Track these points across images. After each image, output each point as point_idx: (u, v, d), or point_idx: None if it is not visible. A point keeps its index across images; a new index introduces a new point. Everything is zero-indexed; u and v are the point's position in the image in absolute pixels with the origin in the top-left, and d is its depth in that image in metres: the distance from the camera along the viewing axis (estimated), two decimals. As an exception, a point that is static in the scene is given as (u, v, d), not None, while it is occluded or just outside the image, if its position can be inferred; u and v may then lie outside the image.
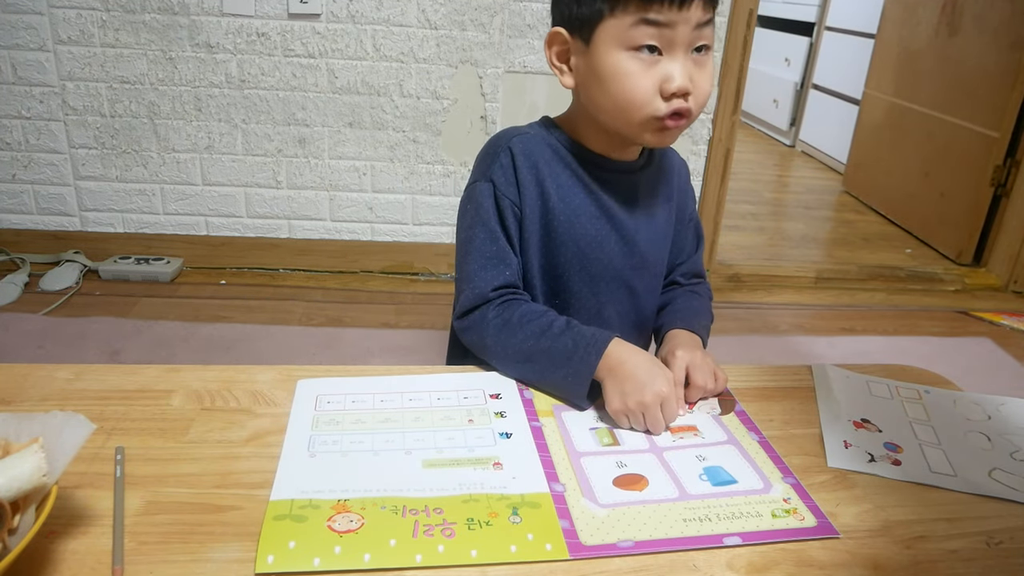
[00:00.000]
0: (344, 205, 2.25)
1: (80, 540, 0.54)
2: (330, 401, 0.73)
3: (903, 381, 0.84)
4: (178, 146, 2.16)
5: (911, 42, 2.96)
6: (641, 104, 0.76)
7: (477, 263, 0.84)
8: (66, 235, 2.24)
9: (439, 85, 2.13)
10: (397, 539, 0.55)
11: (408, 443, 0.67)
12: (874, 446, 0.71)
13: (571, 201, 0.85)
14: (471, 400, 0.75)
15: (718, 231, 2.39)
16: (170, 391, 0.73)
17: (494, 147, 0.86)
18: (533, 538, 0.56)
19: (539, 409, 0.74)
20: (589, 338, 0.76)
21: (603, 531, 0.58)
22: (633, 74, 0.75)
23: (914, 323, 2.25)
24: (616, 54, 0.75)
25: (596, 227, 0.86)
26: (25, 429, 0.54)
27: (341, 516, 0.57)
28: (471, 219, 0.85)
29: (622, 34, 0.74)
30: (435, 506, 0.59)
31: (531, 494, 0.61)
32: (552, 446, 0.68)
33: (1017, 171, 2.49)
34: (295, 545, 0.54)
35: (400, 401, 0.74)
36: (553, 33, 0.80)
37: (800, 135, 4.12)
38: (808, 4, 3.95)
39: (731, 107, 2.20)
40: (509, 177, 0.84)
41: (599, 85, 0.78)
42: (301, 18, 2.04)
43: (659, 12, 0.73)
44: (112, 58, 2.06)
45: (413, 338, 1.96)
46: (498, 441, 0.68)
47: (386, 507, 0.58)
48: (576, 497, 0.61)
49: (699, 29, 0.75)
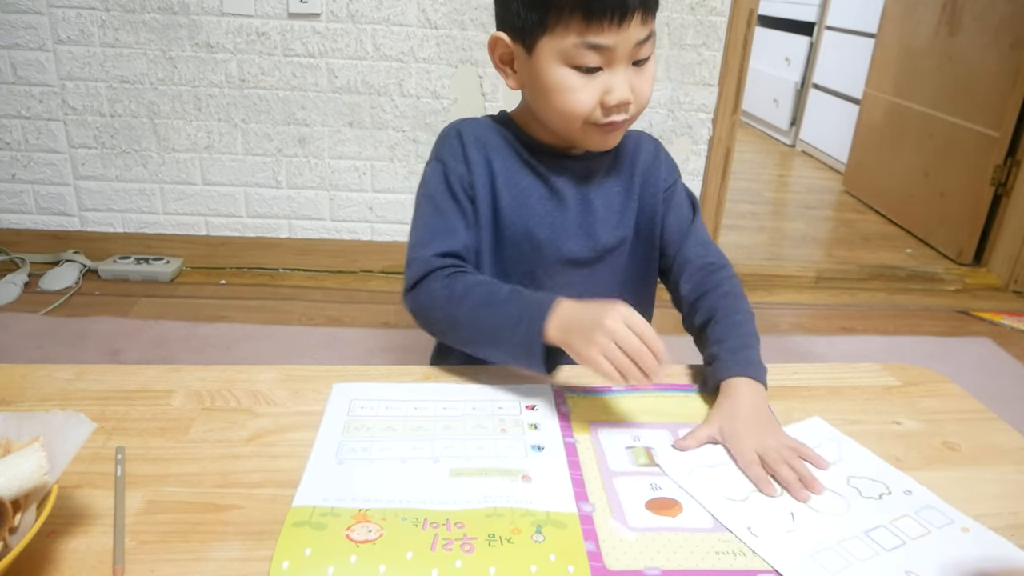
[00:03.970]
0: (344, 205, 2.25)
1: (81, 539, 0.54)
2: (363, 407, 0.73)
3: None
4: (178, 146, 2.16)
5: (911, 42, 2.96)
6: (582, 115, 0.78)
7: (423, 235, 0.85)
8: (66, 235, 2.24)
9: (439, 85, 2.13)
10: (415, 552, 0.54)
11: (437, 451, 0.66)
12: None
13: (519, 183, 0.86)
14: (505, 410, 0.73)
15: (718, 231, 2.39)
16: (170, 391, 0.73)
17: (444, 133, 0.89)
18: (556, 559, 0.54)
19: (575, 425, 0.72)
20: (534, 303, 0.74)
21: (630, 556, 0.55)
22: (574, 88, 0.77)
23: (914, 323, 2.25)
24: (557, 68, 0.77)
25: (546, 208, 0.87)
26: (26, 428, 0.54)
27: (360, 526, 0.56)
28: (418, 198, 0.88)
29: (563, 52, 0.76)
30: (457, 520, 0.57)
31: (557, 513, 0.59)
32: (585, 464, 0.66)
33: (1017, 171, 2.48)
34: (311, 552, 0.53)
35: (434, 409, 0.73)
36: (495, 39, 0.82)
37: (800, 135, 4.12)
38: (808, 4, 3.94)
39: (731, 107, 2.20)
40: (457, 156, 0.85)
41: (542, 95, 0.80)
42: (301, 18, 2.04)
43: (599, 35, 0.74)
44: (112, 58, 2.06)
45: (413, 338, 1.96)
46: (529, 454, 0.66)
47: (407, 519, 0.57)
48: (605, 518, 0.59)
49: (639, 46, 0.76)
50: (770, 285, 2.42)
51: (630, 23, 0.73)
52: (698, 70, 2.14)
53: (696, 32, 2.11)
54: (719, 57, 2.15)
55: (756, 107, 4.51)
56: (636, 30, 0.74)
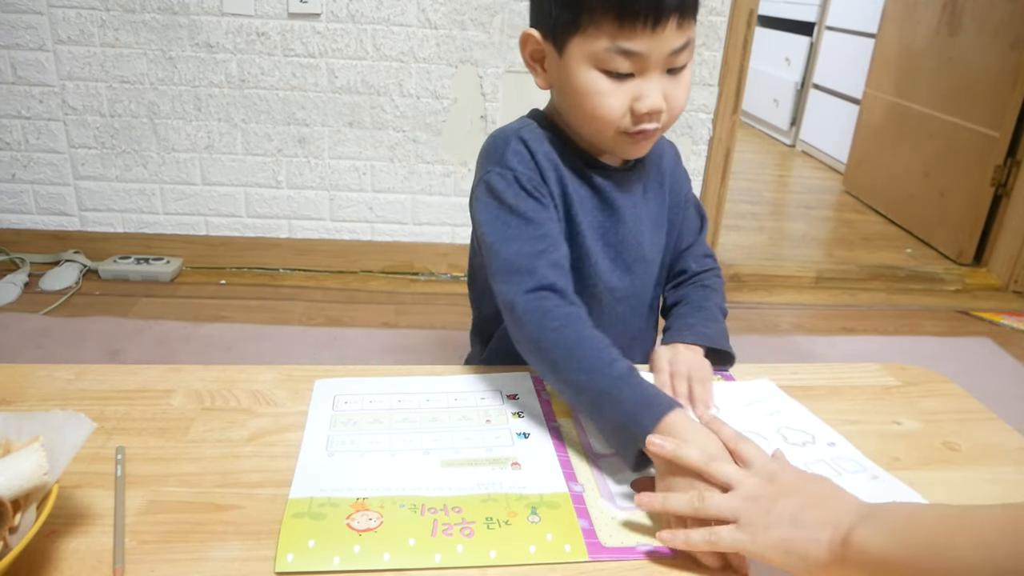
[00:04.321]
0: (344, 205, 2.25)
1: (81, 539, 0.54)
2: (347, 401, 0.73)
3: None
4: (178, 146, 2.16)
5: (911, 42, 2.96)
6: (612, 121, 0.75)
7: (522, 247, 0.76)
8: (66, 235, 2.24)
9: (439, 85, 2.13)
10: (416, 538, 0.55)
11: (426, 443, 0.67)
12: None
13: (578, 190, 0.83)
14: (488, 401, 0.75)
15: (718, 231, 2.39)
16: (170, 391, 0.73)
17: (501, 140, 0.82)
18: (552, 538, 0.56)
19: (557, 411, 0.74)
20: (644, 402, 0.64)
21: (623, 533, 0.58)
22: (605, 93, 0.74)
23: (914, 323, 2.25)
24: (588, 71, 0.73)
25: (599, 218, 0.84)
26: (26, 428, 0.54)
27: (360, 514, 0.57)
28: (495, 210, 0.78)
29: (595, 54, 0.72)
30: (454, 505, 0.59)
31: (550, 494, 0.61)
32: (570, 447, 0.68)
33: (1017, 171, 2.48)
34: (315, 544, 0.54)
35: (417, 401, 0.74)
36: (526, 35, 0.79)
37: (800, 135, 4.12)
38: (808, 4, 3.95)
39: (731, 107, 2.20)
40: (527, 162, 0.79)
41: (571, 97, 0.77)
42: (301, 18, 2.04)
43: (631, 40, 0.71)
44: (112, 58, 2.06)
45: (413, 338, 1.96)
46: (516, 441, 0.68)
47: (404, 505, 0.58)
48: (594, 498, 0.61)
49: (674, 55, 0.73)
50: (770, 285, 2.42)
51: (665, 28, 0.70)
52: (698, 70, 2.14)
53: (696, 32, 2.11)
54: (719, 57, 2.15)
55: (756, 107, 4.51)
56: (672, 37, 0.71)
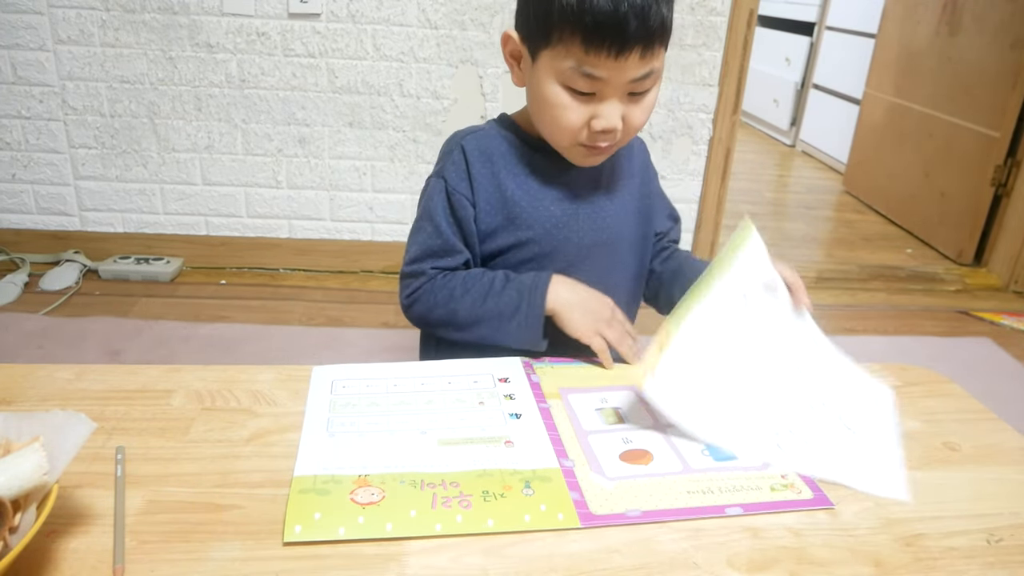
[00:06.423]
0: (344, 205, 2.25)
1: (81, 539, 0.54)
2: (345, 386, 0.75)
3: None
4: (178, 146, 2.16)
5: (911, 42, 2.96)
6: (570, 133, 0.81)
7: (420, 252, 0.89)
8: (66, 235, 2.24)
9: (439, 85, 2.13)
10: (417, 510, 0.58)
11: (423, 424, 0.69)
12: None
13: (530, 188, 0.88)
14: (481, 384, 0.77)
15: (718, 231, 2.39)
16: (170, 391, 0.73)
17: (448, 146, 0.91)
18: (546, 508, 0.59)
19: (546, 392, 0.76)
20: (530, 284, 0.83)
21: (612, 502, 0.60)
22: (566, 107, 0.79)
23: (914, 323, 2.25)
24: (553, 85, 0.79)
25: (562, 208, 0.88)
26: (26, 428, 0.54)
27: (363, 490, 0.59)
28: (421, 212, 0.91)
29: (561, 71, 0.77)
30: (451, 480, 0.61)
31: (542, 469, 0.64)
32: (560, 425, 0.71)
33: (1017, 171, 2.49)
34: (320, 516, 0.56)
35: (413, 385, 0.76)
36: (507, 35, 0.84)
37: (800, 135, 4.12)
38: (808, 4, 3.95)
39: (731, 107, 2.20)
40: (461, 173, 0.87)
41: (537, 103, 0.82)
42: (301, 18, 2.04)
43: (594, 66, 0.75)
44: (112, 58, 2.06)
45: (413, 338, 1.95)
46: (508, 421, 0.70)
47: (405, 481, 0.61)
48: (585, 471, 0.64)
49: (635, 83, 0.77)
50: (770, 285, 2.41)
51: (628, 58, 0.74)
52: (698, 70, 2.14)
53: (696, 32, 2.11)
54: (719, 57, 2.15)
55: (756, 107, 4.51)
56: (634, 66, 0.75)
